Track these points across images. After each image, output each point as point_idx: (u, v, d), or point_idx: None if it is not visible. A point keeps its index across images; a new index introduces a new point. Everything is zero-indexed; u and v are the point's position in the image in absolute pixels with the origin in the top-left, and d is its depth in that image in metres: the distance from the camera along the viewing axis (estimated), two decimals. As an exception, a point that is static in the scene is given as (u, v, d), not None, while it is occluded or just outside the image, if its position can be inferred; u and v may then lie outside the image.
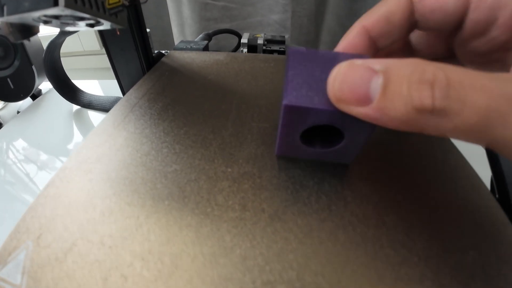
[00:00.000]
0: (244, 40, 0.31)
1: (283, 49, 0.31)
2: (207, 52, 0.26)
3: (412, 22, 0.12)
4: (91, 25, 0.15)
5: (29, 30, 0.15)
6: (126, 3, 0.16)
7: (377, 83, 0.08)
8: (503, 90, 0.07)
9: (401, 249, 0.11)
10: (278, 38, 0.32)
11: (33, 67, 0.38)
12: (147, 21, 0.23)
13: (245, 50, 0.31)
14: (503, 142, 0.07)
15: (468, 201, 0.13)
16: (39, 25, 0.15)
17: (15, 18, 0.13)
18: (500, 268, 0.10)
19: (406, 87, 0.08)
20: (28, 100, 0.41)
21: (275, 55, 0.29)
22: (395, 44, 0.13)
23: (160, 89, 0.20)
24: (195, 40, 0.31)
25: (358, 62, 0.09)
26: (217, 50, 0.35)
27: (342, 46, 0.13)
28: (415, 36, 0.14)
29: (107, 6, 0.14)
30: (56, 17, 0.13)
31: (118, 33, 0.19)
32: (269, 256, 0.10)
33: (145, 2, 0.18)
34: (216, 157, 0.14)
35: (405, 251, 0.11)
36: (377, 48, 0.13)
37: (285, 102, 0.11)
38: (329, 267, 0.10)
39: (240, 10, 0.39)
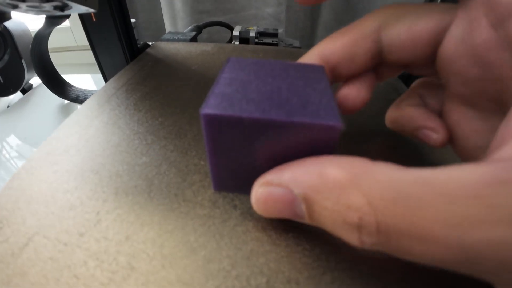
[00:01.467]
0: (235, 32, 0.30)
1: (275, 42, 0.30)
2: (194, 43, 0.25)
3: (375, 55, 0.11)
4: (61, 9, 0.14)
5: (0, 16, 0.14)
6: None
7: (300, 208, 0.08)
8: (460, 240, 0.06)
9: (385, 254, 0.10)
10: (271, 31, 0.31)
11: (23, 61, 0.37)
12: (139, 14, 0.22)
13: (236, 42, 0.30)
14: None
15: None
16: (9, 10, 0.14)
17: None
18: None
19: (331, 225, 0.07)
20: (18, 94, 0.40)
21: (264, 46, 0.28)
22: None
23: (140, 79, 0.19)
24: (184, 31, 0.30)
25: (275, 180, 0.08)
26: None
27: None
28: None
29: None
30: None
31: (94, 19, 0.18)
32: (236, 259, 0.09)
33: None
34: (190, 149, 0.13)
35: (387, 257, 0.10)
36: (337, 74, 0.12)
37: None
38: (305, 273, 0.09)
39: (233, 3, 0.38)
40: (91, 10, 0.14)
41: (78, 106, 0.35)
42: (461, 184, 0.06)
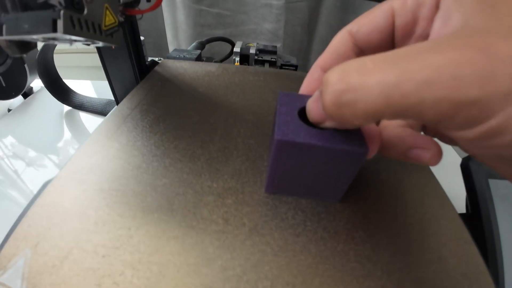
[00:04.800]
0: (236, 49, 0.32)
1: (274, 59, 0.32)
2: (199, 62, 0.27)
3: (357, 52, 0.13)
4: (87, 44, 0.16)
5: (27, 46, 0.15)
6: (122, 19, 0.17)
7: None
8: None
9: (367, 263, 0.12)
10: (270, 48, 0.33)
11: (26, 65, 0.37)
12: (141, 22, 0.24)
13: (237, 58, 0.32)
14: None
15: (435, 219, 0.14)
16: (36, 42, 0.16)
17: (13, 37, 0.14)
18: (461, 283, 0.12)
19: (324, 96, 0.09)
20: (19, 98, 0.40)
21: (265, 68, 0.30)
22: None
23: (152, 100, 0.21)
24: (188, 48, 0.31)
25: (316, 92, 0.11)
26: (210, 56, 0.36)
27: (306, 81, 0.14)
28: None
29: (103, 28, 0.14)
30: (54, 38, 0.14)
31: (113, 47, 0.20)
32: (247, 267, 0.12)
33: (141, 18, 0.19)
34: (203, 172, 0.16)
35: (370, 265, 0.12)
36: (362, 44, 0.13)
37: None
38: (300, 278, 0.12)
39: (233, 18, 0.39)
40: (115, 45, 0.16)
41: (80, 113, 0.36)
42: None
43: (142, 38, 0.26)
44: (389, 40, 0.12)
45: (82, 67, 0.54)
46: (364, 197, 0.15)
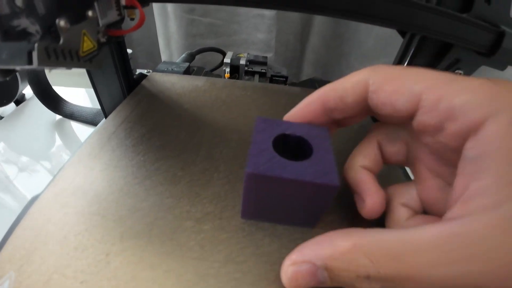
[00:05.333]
0: (227, 59, 0.32)
1: (264, 70, 0.32)
2: (187, 76, 0.27)
3: (365, 106, 0.13)
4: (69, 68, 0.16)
5: (9, 71, 0.15)
6: (104, 40, 0.17)
7: (323, 275, 0.10)
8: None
9: None
10: (260, 59, 0.33)
11: (17, 73, 0.37)
12: (134, 31, 0.24)
13: (227, 69, 0.32)
14: None
15: None
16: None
17: (-7, 65, 0.14)
18: None
19: (349, 280, 0.10)
20: (12, 105, 0.40)
21: (254, 82, 0.30)
22: (351, 118, 0.14)
23: (137, 118, 0.21)
24: (177, 61, 0.31)
25: (299, 258, 0.11)
26: (202, 66, 0.36)
27: (301, 108, 0.14)
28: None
29: (81, 54, 0.15)
30: (32, 68, 0.14)
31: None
32: (220, 296, 0.12)
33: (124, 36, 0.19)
34: (183, 196, 0.16)
35: None
36: (332, 117, 0.14)
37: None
38: None
39: (226, 27, 0.40)
40: (95, 69, 0.16)
41: (72, 122, 0.36)
42: (426, 240, 0.09)
43: (130, 51, 0.26)
44: (404, 122, 0.12)
45: (75, 74, 0.53)
46: (341, 220, 0.15)
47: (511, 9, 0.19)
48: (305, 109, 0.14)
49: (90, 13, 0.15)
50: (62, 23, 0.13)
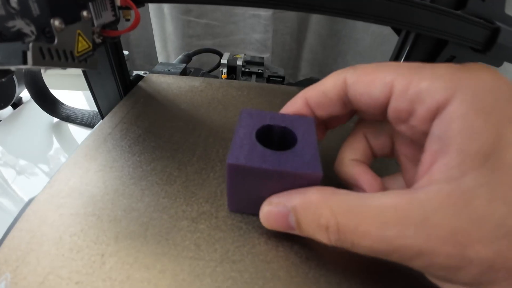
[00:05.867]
0: (224, 60, 0.32)
1: (261, 70, 0.32)
2: (183, 77, 0.27)
3: (346, 101, 0.13)
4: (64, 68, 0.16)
5: (5, 72, 0.15)
6: (99, 40, 0.17)
7: (292, 220, 0.12)
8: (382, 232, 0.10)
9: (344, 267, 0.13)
10: (257, 60, 0.33)
11: (14, 76, 0.37)
12: (131, 32, 0.24)
13: (224, 70, 0.32)
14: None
15: None
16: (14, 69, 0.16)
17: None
18: None
19: (311, 229, 0.11)
20: (9, 108, 0.40)
21: (250, 82, 0.30)
22: (336, 117, 0.15)
23: (133, 118, 0.21)
24: (174, 62, 0.31)
25: (275, 200, 0.13)
26: (199, 67, 0.36)
27: (286, 107, 0.15)
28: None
29: (76, 54, 0.15)
30: (28, 67, 0.14)
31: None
32: (216, 295, 0.12)
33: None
34: (179, 196, 0.16)
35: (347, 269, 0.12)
36: (318, 115, 0.14)
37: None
38: None
39: (222, 28, 0.40)
40: (90, 69, 0.16)
41: (69, 125, 0.36)
42: (386, 203, 0.10)
43: (126, 52, 0.26)
44: (381, 112, 0.12)
45: (72, 76, 0.54)
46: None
47: (506, 5, 0.19)
48: (290, 107, 0.15)
49: (85, 13, 0.15)
50: (56, 23, 0.13)
